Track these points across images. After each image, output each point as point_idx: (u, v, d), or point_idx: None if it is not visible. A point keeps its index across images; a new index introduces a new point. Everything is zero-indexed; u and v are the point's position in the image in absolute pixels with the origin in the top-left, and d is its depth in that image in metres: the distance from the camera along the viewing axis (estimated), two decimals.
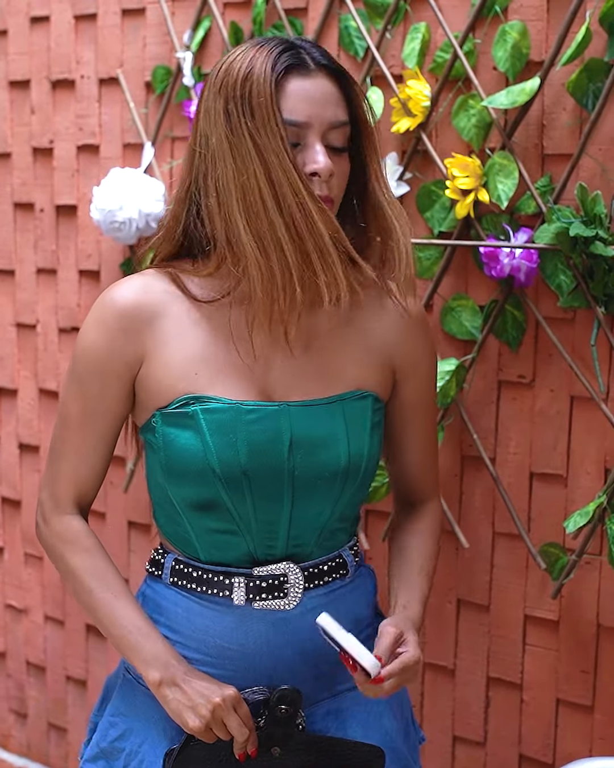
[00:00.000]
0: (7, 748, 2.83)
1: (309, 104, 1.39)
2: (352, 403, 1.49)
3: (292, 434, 1.44)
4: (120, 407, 1.50)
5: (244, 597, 1.48)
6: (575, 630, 1.88)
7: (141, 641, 1.46)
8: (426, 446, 1.63)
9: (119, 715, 1.56)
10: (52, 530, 1.54)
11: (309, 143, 1.39)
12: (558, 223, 1.71)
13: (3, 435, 2.69)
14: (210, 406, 1.43)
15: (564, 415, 1.84)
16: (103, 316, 1.47)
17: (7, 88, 2.52)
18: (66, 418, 1.51)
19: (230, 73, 1.40)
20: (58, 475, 1.53)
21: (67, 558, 1.52)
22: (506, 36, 1.77)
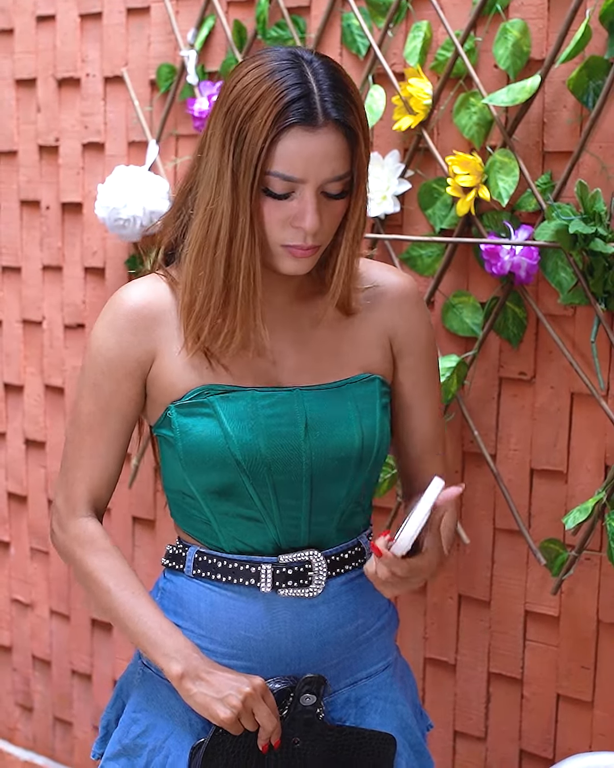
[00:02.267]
0: (12, 741, 2.85)
1: (308, 162, 1.35)
2: (360, 386, 1.52)
3: (306, 416, 1.48)
4: (131, 407, 1.52)
5: (271, 584, 1.49)
6: (575, 626, 1.89)
7: (162, 636, 1.46)
8: (435, 423, 1.62)
9: (141, 711, 1.56)
10: (68, 534, 1.54)
11: (302, 197, 1.38)
12: (558, 220, 1.72)
13: (9, 431, 2.71)
14: (226, 395, 1.47)
15: (565, 411, 1.84)
16: (114, 317, 1.50)
17: (13, 86, 2.54)
18: (79, 421, 1.53)
19: (238, 102, 1.37)
20: (72, 479, 1.54)
21: (85, 559, 1.52)
22: (507, 34, 1.78)
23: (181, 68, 2.21)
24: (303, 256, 1.42)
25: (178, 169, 2.26)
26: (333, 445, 1.49)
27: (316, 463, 1.48)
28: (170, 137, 2.27)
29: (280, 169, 1.36)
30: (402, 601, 2.08)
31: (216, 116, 1.41)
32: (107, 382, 1.50)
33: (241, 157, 1.36)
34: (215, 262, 1.41)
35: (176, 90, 2.23)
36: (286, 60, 1.37)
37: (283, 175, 1.36)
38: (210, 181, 1.40)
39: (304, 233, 1.39)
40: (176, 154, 2.26)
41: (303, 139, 1.35)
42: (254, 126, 1.34)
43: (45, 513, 2.66)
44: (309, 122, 1.34)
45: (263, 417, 1.47)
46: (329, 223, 1.42)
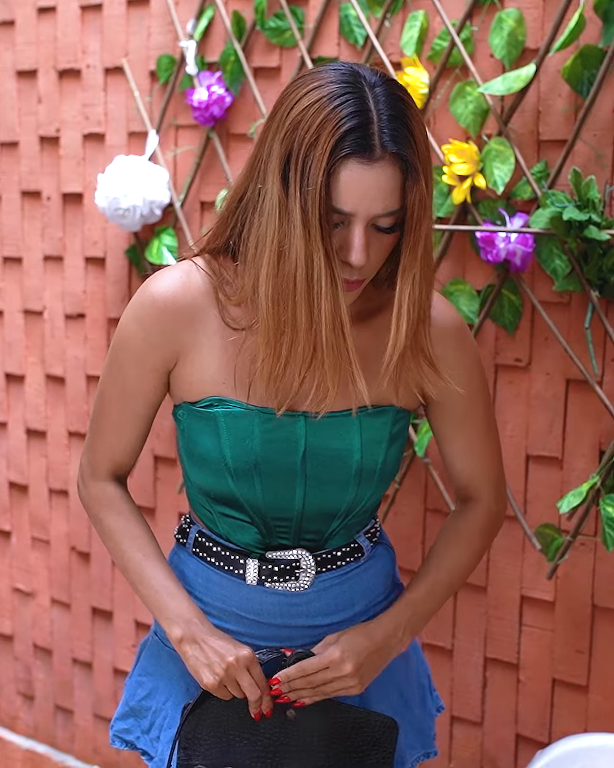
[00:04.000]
0: (14, 730, 2.87)
1: (361, 196, 1.31)
2: (371, 417, 1.48)
3: (306, 444, 1.47)
4: (156, 394, 1.53)
5: (256, 578, 1.52)
6: (571, 610, 1.90)
7: (166, 600, 1.50)
8: (475, 450, 1.58)
9: (146, 675, 1.62)
10: (89, 493, 1.60)
11: (351, 230, 1.33)
12: (552, 207, 1.74)
13: (10, 420, 2.72)
14: (231, 410, 1.46)
15: (560, 398, 1.86)
16: (143, 312, 1.48)
17: (14, 77, 2.56)
18: (104, 397, 1.56)
19: (298, 130, 1.31)
20: (95, 445, 1.59)
21: (103, 519, 1.58)
22: (502, 24, 1.79)
23: (181, 59, 2.22)
24: (348, 289, 1.38)
25: (178, 159, 2.28)
26: (329, 475, 1.48)
27: (310, 493, 1.49)
28: (170, 127, 2.28)
29: (333, 203, 1.31)
30: None
31: (271, 138, 1.35)
32: (132, 370, 1.51)
33: (308, 193, 1.30)
34: (297, 308, 1.34)
35: (176, 80, 2.25)
36: (347, 83, 1.31)
37: (335, 208, 1.31)
38: (272, 215, 1.33)
39: (350, 267, 1.36)
40: (176, 144, 2.28)
41: (357, 171, 1.30)
42: (316, 158, 1.29)
43: (46, 503, 2.67)
44: (366, 154, 1.30)
45: (262, 440, 1.45)
46: (376, 257, 1.38)
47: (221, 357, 1.47)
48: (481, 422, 1.58)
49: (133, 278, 2.39)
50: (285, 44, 2.08)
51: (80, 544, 2.60)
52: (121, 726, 1.64)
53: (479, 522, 1.61)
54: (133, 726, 1.63)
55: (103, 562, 2.57)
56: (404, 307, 1.38)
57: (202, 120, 2.17)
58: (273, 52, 2.11)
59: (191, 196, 2.26)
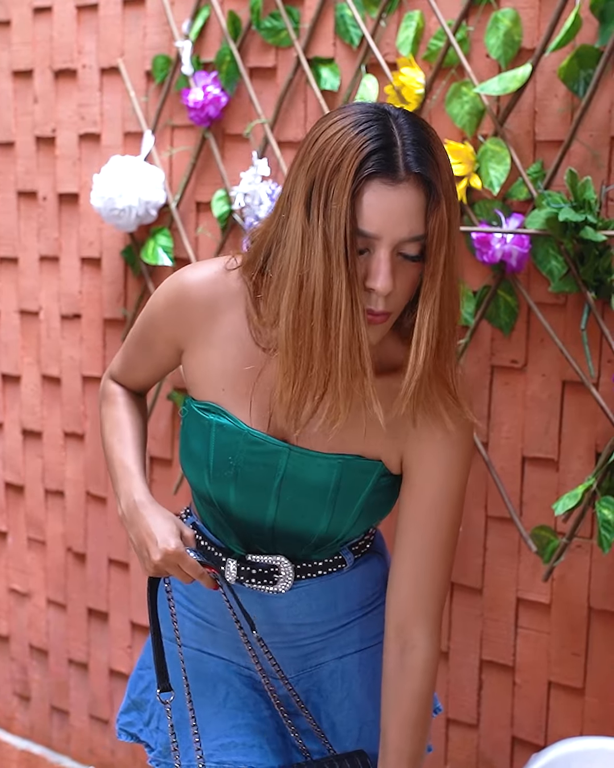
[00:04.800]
0: (10, 730, 2.86)
1: (385, 218, 1.30)
2: (352, 467, 1.46)
3: (284, 474, 1.47)
4: (166, 359, 1.58)
5: (235, 578, 1.53)
6: (567, 613, 1.90)
7: (119, 477, 1.54)
8: (427, 562, 1.48)
9: (145, 668, 1.66)
10: (102, 389, 1.69)
11: (377, 255, 1.32)
12: (548, 208, 1.73)
13: (6, 421, 2.72)
14: (224, 424, 1.47)
15: (556, 399, 1.85)
16: (170, 291, 1.52)
17: (10, 77, 2.55)
18: (133, 333, 1.62)
19: (323, 157, 1.31)
20: (118, 359, 1.67)
21: (101, 409, 1.67)
22: (498, 24, 1.79)
23: (177, 59, 2.22)
24: (372, 322, 1.35)
25: (173, 160, 2.27)
26: (297, 514, 1.48)
27: (279, 523, 1.49)
28: (166, 128, 2.27)
29: (358, 226, 1.30)
30: None
31: (296, 170, 1.35)
32: (151, 331, 1.56)
33: (331, 216, 1.29)
34: (313, 334, 1.32)
35: (171, 81, 2.24)
36: (371, 112, 1.33)
37: (360, 231, 1.30)
38: (295, 245, 1.33)
39: (376, 295, 1.33)
40: (172, 144, 2.27)
41: (382, 192, 1.29)
42: (339, 180, 1.28)
43: (41, 503, 2.67)
44: (390, 175, 1.29)
45: (245, 463, 1.46)
46: (402, 287, 1.34)
47: (228, 364, 1.47)
48: (446, 522, 1.48)
49: (129, 278, 2.39)
50: (281, 44, 2.07)
51: (76, 545, 2.60)
52: (126, 719, 1.68)
53: (427, 683, 1.50)
54: (136, 719, 1.67)
55: (99, 563, 2.56)
56: (424, 331, 1.34)
57: (197, 120, 2.16)
58: (269, 52, 2.11)
59: (187, 196, 2.26)
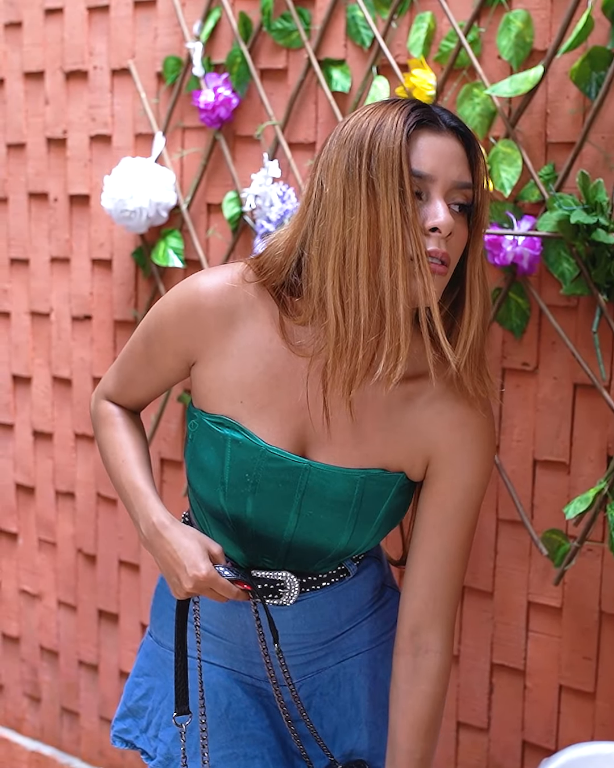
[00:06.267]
0: (20, 731, 2.86)
1: (438, 159, 1.35)
2: (373, 482, 1.46)
3: (303, 493, 1.45)
4: (172, 373, 1.54)
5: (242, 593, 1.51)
6: (578, 617, 1.89)
7: (133, 499, 1.50)
8: (441, 570, 1.49)
9: (142, 675, 1.65)
10: (94, 410, 1.64)
11: (432, 198, 1.35)
12: (560, 210, 1.72)
13: (17, 422, 2.72)
14: (240, 440, 1.44)
15: (567, 402, 1.85)
16: (184, 299, 1.47)
17: (21, 79, 2.55)
18: (131, 348, 1.57)
19: (358, 126, 1.35)
20: (110, 378, 1.62)
21: (98, 432, 1.62)
22: (510, 25, 1.78)
23: (188, 60, 2.21)
24: (434, 270, 1.34)
25: (184, 161, 2.27)
26: (316, 531, 1.47)
27: (296, 541, 1.48)
28: (176, 129, 2.27)
29: (413, 167, 1.33)
30: None
31: (329, 151, 1.37)
32: (157, 346, 1.52)
33: (378, 164, 1.31)
34: (358, 286, 1.32)
35: (182, 82, 2.24)
36: (396, 98, 1.40)
37: (414, 172, 1.33)
38: (337, 209, 1.33)
39: (438, 236, 1.34)
40: (182, 146, 2.27)
41: (430, 138, 1.35)
42: (386, 133, 1.32)
43: (52, 505, 2.67)
44: (435, 124, 1.36)
45: (263, 480, 1.44)
46: (457, 240, 1.37)
47: (247, 375, 1.44)
48: (465, 528, 1.49)
49: (140, 280, 2.38)
50: (291, 46, 2.07)
51: (86, 546, 2.60)
52: (121, 726, 1.66)
53: (441, 686, 1.51)
54: (132, 726, 1.65)
55: (110, 564, 2.56)
56: (476, 291, 1.39)
57: (208, 122, 2.16)
58: (280, 54, 2.10)
59: (197, 198, 2.25)
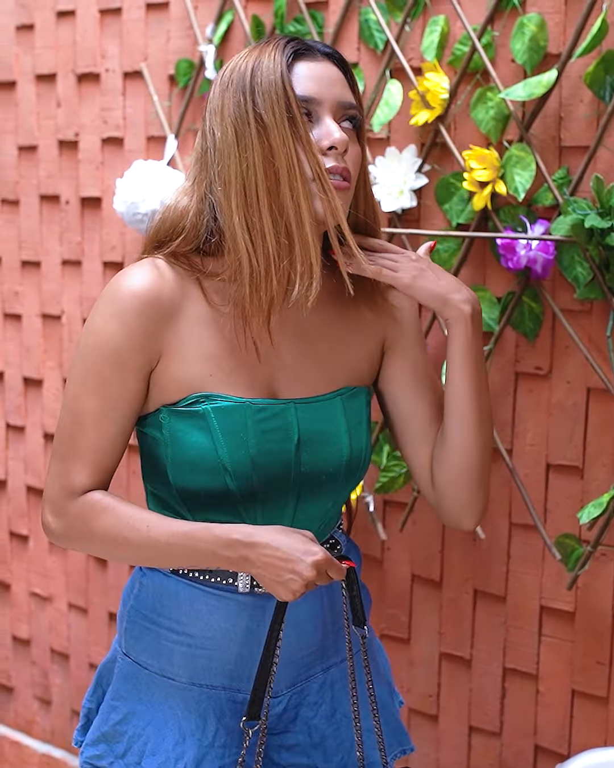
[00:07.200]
0: (30, 734, 2.86)
1: (320, 83, 1.42)
2: (349, 398, 1.53)
3: (299, 431, 1.47)
4: (138, 398, 1.45)
5: (249, 585, 1.50)
6: (591, 621, 1.89)
7: (194, 542, 1.39)
8: (433, 409, 1.61)
9: (120, 699, 1.56)
10: (68, 517, 1.45)
11: (322, 119, 1.42)
12: (574, 215, 1.72)
13: (28, 425, 2.72)
14: (220, 405, 1.43)
15: (581, 406, 1.84)
16: (121, 308, 1.40)
17: (33, 81, 2.55)
18: (80, 414, 1.43)
19: (237, 69, 1.43)
20: (70, 469, 1.44)
21: (93, 529, 1.43)
22: (524, 28, 1.78)
23: (200, 63, 2.21)
24: (337, 186, 1.41)
25: None
26: (323, 461, 1.49)
27: (305, 479, 1.48)
28: (188, 132, 2.27)
29: (298, 92, 1.40)
30: (417, 596, 2.09)
31: (213, 100, 1.45)
32: (116, 376, 1.42)
33: (263, 97, 1.38)
34: (261, 216, 1.38)
35: (195, 85, 2.24)
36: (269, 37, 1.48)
37: (303, 96, 1.40)
38: (232, 150, 1.40)
39: (335, 153, 1.41)
40: None
41: (309, 64, 1.43)
42: (264, 69, 1.39)
43: None
44: (310, 53, 1.44)
45: (256, 431, 1.44)
46: (353, 156, 1.45)
47: (205, 348, 1.44)
48: (436, 377, 1.65)
49: None
50: None
51: None
52: (92, 752, 1.57)
53: None
54: (105, 752, 1.55)
55: (120, 567, 2.56)
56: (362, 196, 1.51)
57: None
58: None
59: None
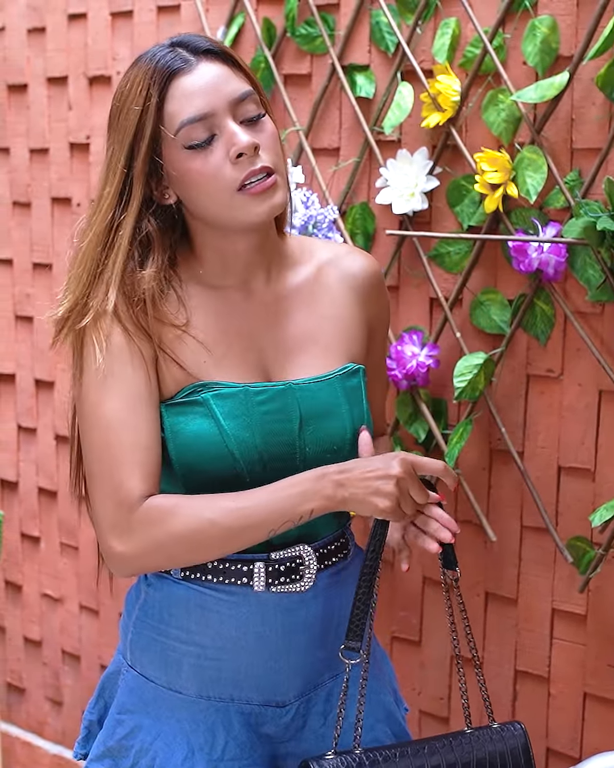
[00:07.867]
0: (42, 735, 2.87)
1: (205, 94, 1.39)
2: (348, 377, 1.54)
3: (300, 411, 1.49)
4: (156, 388, 1.44)
5: (264, 582, 1.48)
6: (603, 624, 1.88)
7: (289, 491, 1.40)
8: (384, 396, 1.77)
9: (126, 713, 1.54)
10: (139, 533, 1.39)
11: (223, 127, 1.40)
12: (586, 217, 1.72)
13: (40, 426, 2.73)
14: (220, 392, 1.45)
15: (592, 409, 1.84)
16: (116, 329, 1.43)
17: (45, 84, 2.56)
18: (107, 420, 1.41)
19: (115, 103, 1.44)
20: (119, 482, 1.40)
21: (170, 529, 1.38)
22: (536, 31, 1.77)
23: None
24: (262, 188, 1.40)
25: None
26: (326, 439, 1.50)
27: (310, 458, 1.49)
28: None
29: (186, 116, 1.38)
30: (429, 598, 2.08)
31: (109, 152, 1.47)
32: (126, 369, 1.42)
33: (126, 132, 1.41)
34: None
35: None
36: (146, 53, 1.45)
37: (193, 117, 1.38)
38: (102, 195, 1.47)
39: (247, 157, 1.39)
40: None
41: (189, 79, 1.39)
42: (132, 97, 1.40)
43: (74, 509, 2.65)
44: (182, 65, 1.39)
45: (258, 414, 1.46)
46: (267, 142, 1.42)
47: (195, 336, 1.47)
48: (384, 363, 1.75)
49: None
50: (315, 51, 2.07)
51: None
52: (97, 767, 1.55)
53: None
54: (111, 767, 1.53)
55: None
56: None
57: None
58: (303, 59, 2.10)
59: None
